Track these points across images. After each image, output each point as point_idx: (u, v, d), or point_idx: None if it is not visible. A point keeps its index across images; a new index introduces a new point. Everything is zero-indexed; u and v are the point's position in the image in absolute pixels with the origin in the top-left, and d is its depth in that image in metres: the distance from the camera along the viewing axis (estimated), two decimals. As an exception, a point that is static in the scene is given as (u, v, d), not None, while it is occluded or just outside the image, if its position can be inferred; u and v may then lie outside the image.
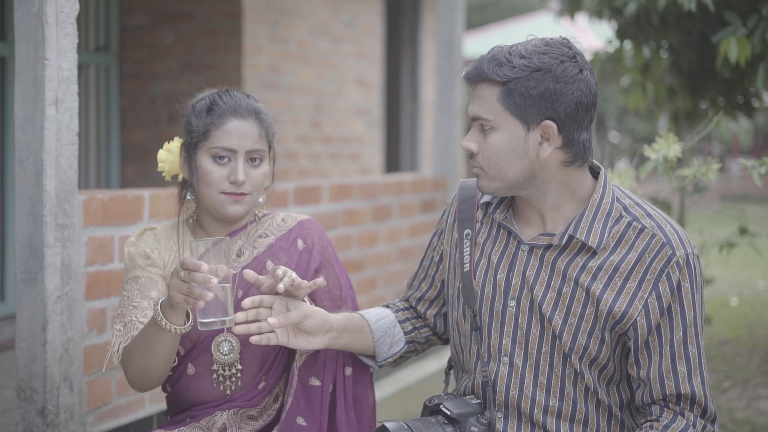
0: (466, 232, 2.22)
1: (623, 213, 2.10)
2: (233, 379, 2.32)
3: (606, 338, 2.07)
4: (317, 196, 4.22)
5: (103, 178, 6.21)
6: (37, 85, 2.64)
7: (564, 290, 2.08)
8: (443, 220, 2.34)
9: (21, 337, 2.71)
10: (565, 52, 2.04)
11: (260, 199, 2.40)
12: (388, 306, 2.40)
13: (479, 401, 2.15)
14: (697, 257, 2.09)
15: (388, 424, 2.08)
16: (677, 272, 2.04)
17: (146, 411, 3.22)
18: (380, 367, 2.34)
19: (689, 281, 2.05)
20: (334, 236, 4.30)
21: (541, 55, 2.01)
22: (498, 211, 2.19)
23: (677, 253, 2.05)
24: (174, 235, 2.38)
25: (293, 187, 4.05)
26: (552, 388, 2.10)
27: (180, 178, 2.41)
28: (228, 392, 2.32)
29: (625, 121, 20.06)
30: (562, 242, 2.09)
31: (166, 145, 2.43)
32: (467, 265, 2.19)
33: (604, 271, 2.06)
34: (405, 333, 2.35)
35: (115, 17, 6.26)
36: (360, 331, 2.27)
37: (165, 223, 2.51)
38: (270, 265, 2.34)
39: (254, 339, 2.12)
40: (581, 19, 8.00)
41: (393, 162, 9.03)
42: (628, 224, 2.09)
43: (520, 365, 2.11)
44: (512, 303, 2.12)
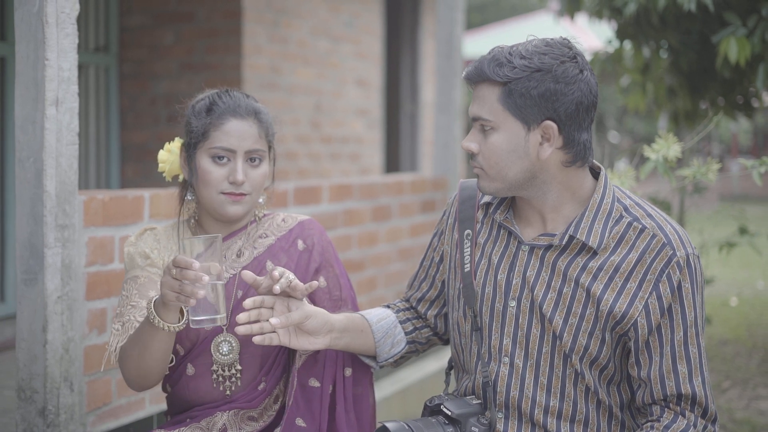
0: (466, 232, 2.22)
1: (624, 213, 2.10)
2: (233, 379, 2.32)
3: (606, 338, 2.07)
4: (317, 197, 4.22)
5: (103, 178, 6.21)
6: (37, 86, 2.64)
7: (564, 291, 2.08)
8: (444, 220, 2.34)
9: (21, 337, 2.71)
10: (565, 53, 2.04)
11: (260, 200, 2.40)
12: (388, 306, 2.40)
13: (480, 401, 2.15)
14: (698, 257, 2.09)
15: (388, 425, 2.08)
16: (678, 272, 2.04)
17: (146, 411, 3.22)
18: (381, 367, 2.34)
19: (690, 281, 2.05)
20: (334, 236, 4.30)
21: (541, 56, 2.02)
22: (498, 211, 2.19)
23: (678, 254, 2.05)
24: (174, 235, 2.38)
25: (293, 187, 4.05)
26: (552, 389, 2.10)
27: (180, 178, 2.41)
28: (228, 393, 2.32)
29: (625, 121, 20.06)
30: (563, 242, 2.09)
31: (167, 146, 2.43)
32: (468, 265, 2.19)
33: (604, 271, 2.06)
34: (406, 333, 2.35)
35: (114, 17, 6.25)
36: (361, 331, 2.28)
37: (165, 223, 2.51)
38: (270, 266, 2.34)
39: (257, 339, 2.11)
40: (581, 19, 8.00)
41: (393, 162, 9.03)
42: (629, 224, 2.09)
43: (521, 365, 2.11)
44: (513, 303, 2.12)
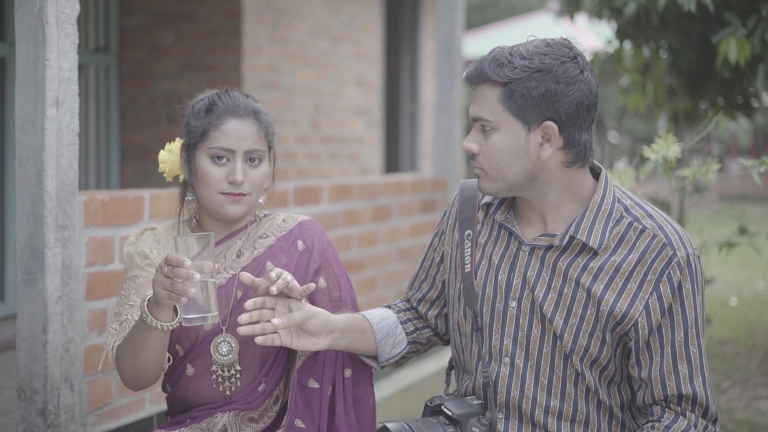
0: (467, 232, 2.22)
1: (624, 214, 2.10)
2: (232, 380, 2.32)
3: (607, 339, 2.07)
4: (317, 197, 4.22)
5: (102, 178, 6.21)
6: (37, 86, 2.64)
7: (565, 291, 2.08)
8: (444, 220, 2.33)
9: (21, 337, 2.71)
10: (565, 53, 2.04)
11: (261, 200, 2.39)
12: (389, 307, 2.40)
13: (480, 402, 2.15)
14: (698, 258, 2.09)
15: (389, 425, 2.08)
16: (678, 273, 2.04)
17: (147, 411, 3.22)
18: (382, 367, 2.34)
19: (690, 282, 2.05)
20: (334, 236, 4.29)
21: (542, 56, 2.01)
22: (499, 211, 2.19)
23: (678, 254, 2.05)
24: (174, 235, 2.38)
25: (293, 187, 4.05)
26: (553, 389, 2.09)
27: (181, 178, 2.41)
28: (227, 393, 2.32)
29: (625, 121, 20.05)
30: (563, 243, 2.09)
31: (168, 146, 2.43)
32: (468, 265, 2.19)
33: (605, 271, 2.06)
34: (407, 334, 2.35)
35: (114, 17, 6.25)
36: (362, 331, 2.28)
37: (165, 223, 2.51)
38: (269, 266, 2.34)
39: (258, 340, 2.11)
40: (581, 19, 8.00)
41: (392, 162, 9.03)
42: (629, 225, 2.08)
43: (521, 366, 2.11)
44: (513, 304, 2.12)
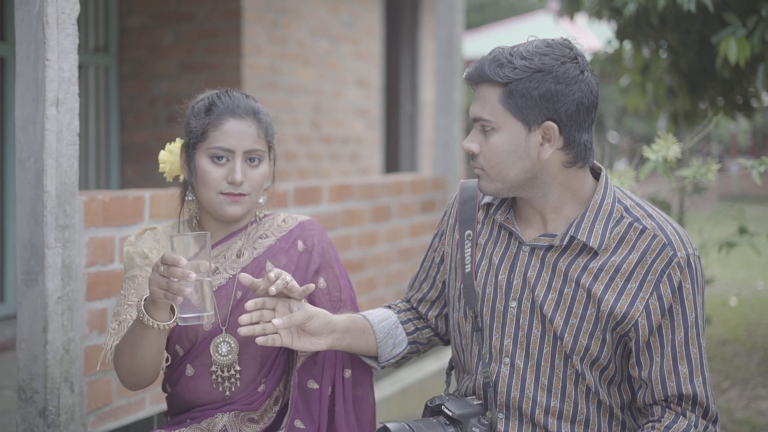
0: (467, 233, 2.22)
1: (624, 214, 2.10)
2: (232, 380, 2.31)
3: (607, 339, 2.07)
4: (317, 197, 4.22)
5: (102, 178, 6.21)
6: (37, 86, 2.64)
7: (565, 291, 2.08)
8: (444, 221, 2.33)
9: (22, 337, 2.71)
10: (566, 53, 2.04)
11: (261, 200, 2.39)
12: (390, 307, 2.40)
13: (480, 402, 2.15)
14: (698, 258, 2.09)
15: (390, 425, 2.08)
16: (678, 273, 2.04)
17: (147, 412, 3.22)
18: (383, 368, 2.34)
19: (690, 282, 2.05)
20: (334, 237, 4.29)
21: (542, 56, 2.01)
22: (499, 212, 2.19)
23: (678, 254, 2.05)
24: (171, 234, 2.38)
25: (293, 187, 4.05)
26: (553, 389, 2.10)
27: (181, 179, 2.41)
28: (227, 393, 2.32)
29: (624, 121, 20.05)
30: (563, 243, 2.09)
31: (168, 146, 2.43)
32: (468, 266, 2.19)
33: (605, 272, 2.06)
34: (407, 334, 2.35)
35: (114, 18, 6.25)
36: (363, 332, 2.28)
37: (165, 223, 2.51)
38: (269, 266, 2.34)
39: (260, 340, 2.11)
40: (581, 19, 8.00)
41: (392, 162, 9.03)
42: (629, 225, 2.09)
43: (522, 366, 2.11)
44: (513, 304, 2.12)
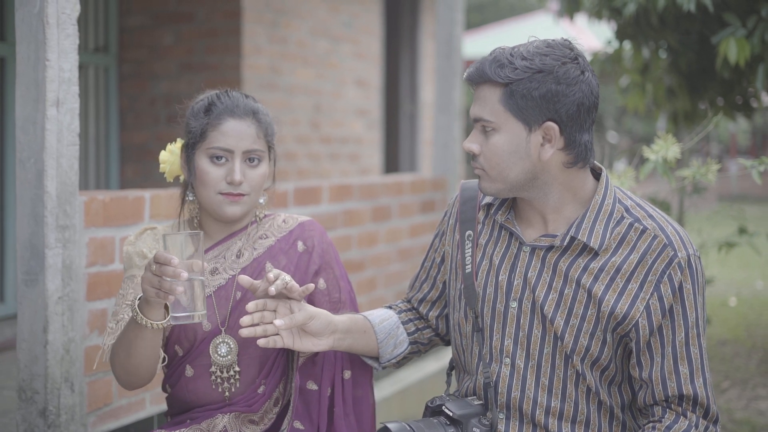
0: (467, 233, 2.22)
1: (625, 214, 2.10)
2: (231, 381, 2.31)
3: (608, 339, 2.07)
4: (317, 197, 4.22)
5: (102, 178, 6.21)
6: (38, 86, 2.64)
7: (566, 291, 2.08)
8: (445, 221, 2.33)
9: (22, 338, 2.71)
10: (566, 54, 2.04)
11: (261, 200, 2.39)
12: (390, 307, 2.40)
13: (481, 402, 2.15)
14: (699, 258, 2.09)
15: (390, 425, 2.08)
16: (679, 273, 2.04)
17: (147, 412, 3.22)
18: (384, 368, 2.34)
19: (691, 282, 2.05)
20: (334, 237, 4.29)
21: (542, 57, 2.02)
22: (500, 212, 2.19)
23: (679, 254, 2.05)
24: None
25: (293, 187, 4.05)
26: (554, 389, 2.10)
27: (181, 179, 2.41)
28: (227, 394, 2.31)
29: (624, 121, 20.05)
30: (564, 243, 2.09)
31: (169, 147, 2.43)
32: (469, 266, 2.19)
33: (605, 272, 2.06)
34: (408, 334, 2.35)
35: (114, 18, 6.25)
36: (364, 332, 2.28)
37: (166, 223, 2.51)
38: (269, 267, 2.34)
39: (261, 342, 2.11)
40: (580, 19, 7.99)
41: (392, 162, 9.03)
42: (630, 225, 2.09)
43: (522, 366, 2.11)
44: (514, 304, 2.12)
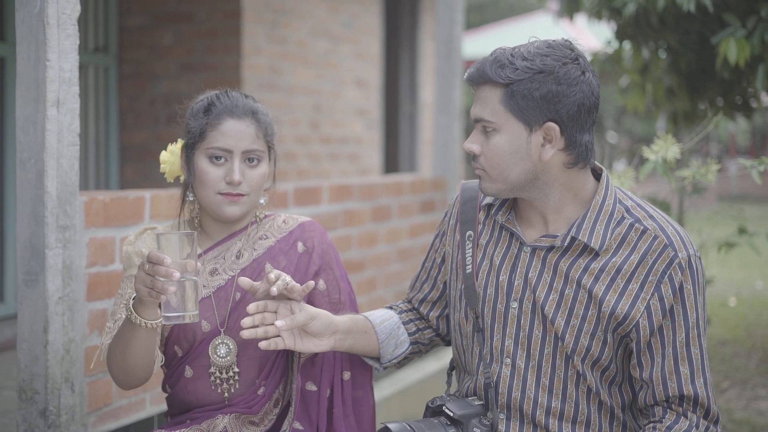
0: (468, 233, 2.22)
1: (625, 215, 2.10)
2: (231, 382, 2.31)
3: (608, 340, 2.07)
4: (317, 197, 4.22)
5: (102, 178, 6.21)
6: (38, 87, 2.64)
7: (566, 292, 2.08)
8: (445, 221, 2.33)
9: (22, 338, 2.71)
10: (567, 54, 2.04)
11: (261, 201, 2.39)
12: (391, 308, 2.40)
13: (482, 402, 2.15)
14: (699, 258, 2.09)
15: (391, 426, 2.08)
16: (679, 274, 2.04)
17: (147, 412, 3.22)
18: (385, 368, 2.34)
19: (691, 283, 2.05)
20: (334, 237, 4.29)
21: (543, 57, 2.02)
22: (500, 212, 2.19)
23: (679, 255, 2.05)
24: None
25: (293, 188, 4.05)
26: (554, 390, 2.10)
27: (182, 179, 2.41)
28: (226, 395, 2.31)
29: (623, 121, 20.05)
30: (565, 244, 2.09)
31: (169, 147, 2.43)
32: (469, 266, 2.19)
33: (606, 272, 2.06)
34: (409, 334, 2.35)
35: (114, 18, 6.25)
36: (365, 332, 2.28)
37: (166, 223, 2.51)
38: (268, 268, 2.33)
39: (262, 345, 2.11)
40: (580, 20, 8.00)
41: (391, 162, 9.03)
42: (631, 226, 2.09)
43: (523, 367, 2.11)
44: (514, 304, 2.12)
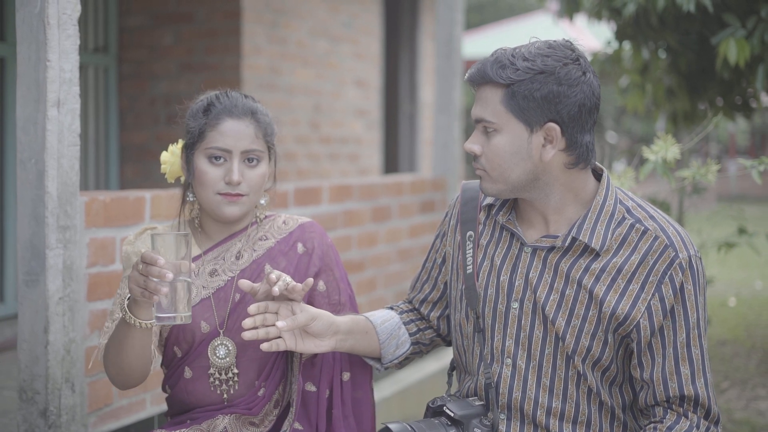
0: (468, 233, 2.22)
1: (626, 215, 2.10)
2: (230, 383, 2.31)
3: (609, 340, 2.07)
4: (317, 197, 4.22)
5: (102, 178, 6.21)
6: (38, 87, 2.64)
7: (567, 292, 2.08)
8: (446, 221, 2.33)
9: (23, 338, 2.71)
10: (568, 55, 2.04)
11: (262, 201, 2.39)
12: (392, 308, 2.40)
13: (482, 403, 2.15)
14: (700, 259, 2.09)
15: (392, 426, 2.08)
16: (680, 274, 2.04)
17: (147, 412, 3.22)
18: (386, 368, 2.34)
19: (692, 283, 2.05)
20: (334, 237, 4.29)
21: (544, 58, 2.02)
22: (501, 213, 2.19)
23: (680, 255, 2.05)
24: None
25: (293, 188, 4.05)
26: (555, 390, 2.10)
27: (182, 180, 2.41)
28: (225, 396, 2.31)
29: (623, 121, 20.05)
30: (565, 244, 2.09)
31: (170, 147, 2.43)
32: (470, 267, 2.19)
33: (607, 273, 2.06)
34: (410, 335, 2.35)
35: (114, 18, 6.25)
36: (366, 333, 2.28)
37: (166, 223, 2.51)
38: (268, 269, 2.33)
39: (264, 346, 2.11)
40: (580, 20, 8.00)
41: (391, 162, 9.03)
42: (631, 226, 2.09)
43: (523, 367, 2.11)
44: (515, 305, 2.13)
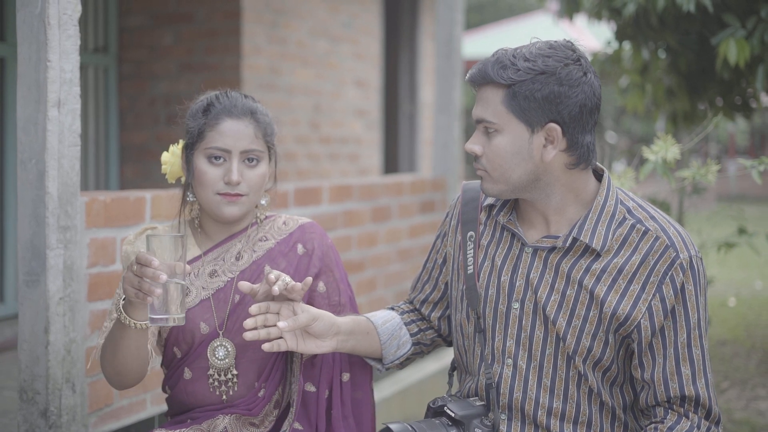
0: (469, 234, 2.22)
1: (627, 215, 2.10)
2: (229, 384, 2.31)
3: (610, 340, 2.07)
4: (317, 197, 4.22)
5: (102, 179, 6.21)
6: (39, 87, 2.64)
7: (568, 292, 2.08)
8: (446, 222, 2.33)
9: (23, 338, 2.71)
10: (569, 55, 2.04)
11: (263, 201, 2.38)
12: (393, 308, 2.40)
13: (483, 403, 2.15)
14: (701, 259, 2.09)
15: (392, 426, 2.08)
16: (681, 274, 2.04)
17: (148, 412, 3.22)
18: (387, 369, 2.34)
19: (693, 283, 2.05)
20: (334, 237, 4.29)
21: (545, 58, 2.02)
22: (501, 213, 2.19)
23: (681, 256, 2.05)
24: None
25: (293, 188, 4.05)
26: (556, 390, 2.10)
27: (183, 180, 2.41)
28: (224, 397, 2.31)
29: (623, 121, 20.06)
30: (566, 244, 2.09)
31: (171, 148, 2.43)
32: (471, 267, 2.19)
33: (607, 273, 2.07)
34: (411, 335, 2.35)
35: (114, 18, 6.25)
36: (367, 333, 2.28)
37: (166, 224, 2.51)
38: (267, 269, 2.33)
39: (265, 347, 2.11)
40: (580, 20, 8.00)
41: (391, 163, 9.03)
42: (632, 226, 2.09)
43: (524, 367, 2.11)
44: (516, 305, 2.13)
